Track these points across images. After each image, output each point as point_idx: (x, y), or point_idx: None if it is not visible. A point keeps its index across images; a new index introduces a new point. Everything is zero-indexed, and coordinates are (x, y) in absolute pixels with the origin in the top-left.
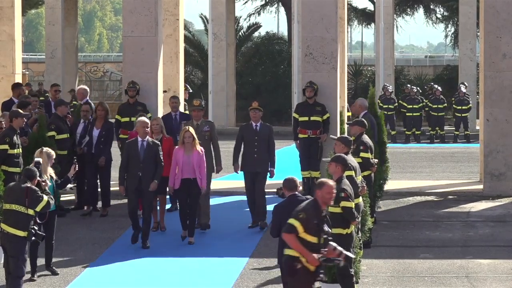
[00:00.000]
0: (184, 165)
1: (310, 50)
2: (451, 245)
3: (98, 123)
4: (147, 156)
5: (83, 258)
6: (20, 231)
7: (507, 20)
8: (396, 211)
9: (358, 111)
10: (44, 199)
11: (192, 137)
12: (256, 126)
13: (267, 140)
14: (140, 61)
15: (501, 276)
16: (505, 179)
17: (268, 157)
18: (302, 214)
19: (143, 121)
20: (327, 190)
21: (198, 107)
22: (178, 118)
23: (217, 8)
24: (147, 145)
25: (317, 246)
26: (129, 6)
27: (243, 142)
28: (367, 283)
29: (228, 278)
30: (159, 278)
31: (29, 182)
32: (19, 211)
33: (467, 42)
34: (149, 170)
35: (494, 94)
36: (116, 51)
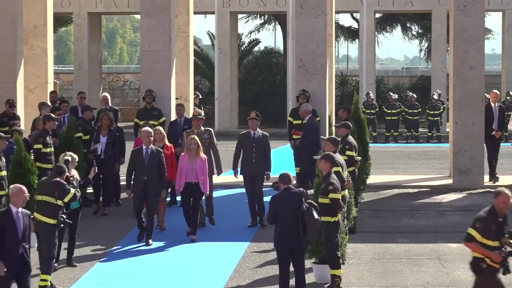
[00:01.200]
0: (188, 170)
1: (302, 62)
2: (424, 231)
3: (103, 132)
4: (151, 162)
5: (93, 254)
6: (50, 219)
7: (473, 37)
8: (377, 202)
9: (304, 115)
10: (71, 192)
11: (197, 145)
12: (254, 134)
13: (264, 146)
14: (155, 72)
15: (468, 258)
16: (471, 174)
17: (265, 161)
18: (479, 223)
19: (147, 131)
20: (503, 199)
21: (198, 116)
22: (182, 123)
23: (222, 26)
24: (151, 152)
25: (500, 248)
26: (146, 25)
27: (242, 148)
28: (352, 264)
29: (231, 260)
30: (166, 263)
31: (58, 177)
32: (49, 202)
33: (439, 55)
34: (153, 175)
35: (462, 101)
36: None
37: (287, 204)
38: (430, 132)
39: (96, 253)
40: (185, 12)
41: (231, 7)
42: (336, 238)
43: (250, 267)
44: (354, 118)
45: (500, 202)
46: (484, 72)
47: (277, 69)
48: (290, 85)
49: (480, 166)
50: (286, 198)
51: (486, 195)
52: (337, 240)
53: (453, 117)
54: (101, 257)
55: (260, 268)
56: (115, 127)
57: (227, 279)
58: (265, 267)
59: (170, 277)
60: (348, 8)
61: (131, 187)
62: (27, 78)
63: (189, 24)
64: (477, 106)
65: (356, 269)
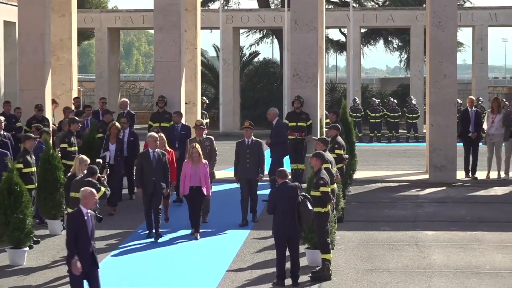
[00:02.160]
0: (191, 175)
1: (297, 71)
2: (404, 220)
3: (112, 140)
4: (158, 164)
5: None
6: None
7: (447, 49)
8: (362, 195)
9: (273, 117)
10: (102, 190)
11: (198, 153)
12: (248, 141)
13: (257, 152)
14: (167, 80)
15: (442, 244)
16: (445, 170)
17: (258, 166)
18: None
19: (154, 136)
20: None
21: (200, 126)
22: (179, 129)
23: (226, 39)
24: (157, 155)
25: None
26: (159, 39)
27: (239, 155)
28: (340, 249)
29: (234, 246)
30: (173, 252)
31: (90, 177)
32: None
33: (417, 65)
34: (160, 175)
35: (437, 105)
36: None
37: (285, 197)
38: (409, 133)
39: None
40: (193, 27)
41: (234, 23)
42: (326, 226)
43: (250, 252)
44: (342, 120)
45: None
46: (456, 80)
47: (274, 78)
48: (285, 91)
49: (453, 163)
50: (284, 192)
51: (459, 188)
52: (327, 228)
53: (429, 119)
54: (110, 251)
55: (259, 253)
56: (130, 132)
57: (230, 263)
58: (264, 252)
59: (177, 263)
60: (337, 24)
61: (140, 186)
62: (54, 86)
63: (196, 38)
64: (450, 110)
65: (344, 253)
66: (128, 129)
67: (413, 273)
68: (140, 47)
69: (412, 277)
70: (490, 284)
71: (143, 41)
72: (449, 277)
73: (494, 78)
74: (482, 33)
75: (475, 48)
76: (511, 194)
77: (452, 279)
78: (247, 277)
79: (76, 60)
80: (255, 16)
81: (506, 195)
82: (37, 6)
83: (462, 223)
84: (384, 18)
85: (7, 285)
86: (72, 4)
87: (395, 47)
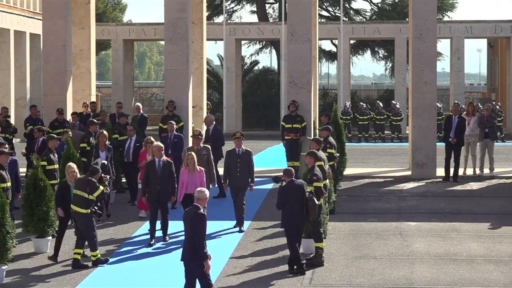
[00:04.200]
0: (188, 183)
1: (292, 79)
2: (389, 212)
3: (101, 147)
4: (163, 172)
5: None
6: (84, 210)
7: (427, 59)
8: (352, 189)
9: (209, 123)
10: (100, 189)
11: (194, 161)
12: (238, 151)
13: (247, 162)
14: (176, 86)
15: (423, 233)
16: (426, 167)
17: (248, 175)
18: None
19: (159, 146)
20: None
21: (198, 136)
22: (172, 137)
23: (229, 50)
24: (162, 164)
25: None
26: (169, 49)
27: (229, 163)
28: (332, 238)
29: (236, 235)
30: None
31: (91, 176)
32: (83, 196)
33: (400, 73)
34: (165, 183)
35: (418, 109)
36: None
37: (294, 193)
38: (394, 134)
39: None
40: (200, 39)
41: (236, 35)
42: (319, 218)
43: (251, 241)
44: (334, 122)
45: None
46: (436, 86)
47: (272, 84)
48: (282, 96)
49: (433, 161)
50: (292, 189)
51: (439, 184)
52: (320, 219)
53: (411, 122)
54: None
55: (259, 241)
56: (136, 138)
57: (232, 250)
58: (263, 240)
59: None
60: (329, 35)
61: (146, 194)
62: (74, 91)
63: (202, 49)
64: (430, 113)
65: (335, 242)
66: (135, 136)
67: (397, 260)
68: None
69: (396, 264)
70: (466, 270)
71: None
72: (429, 264)
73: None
74: (459, 44)
75: (453, 58)
76: (485, 188)
77: (433, 265)
78: (248, 264)
79: (94, 68)
80: (255, 29)
81: (480, 190)
82: (60, 20)
83: (442, 215)
84: (371, 30)
85: (35, 269)
86: (91, 18)
87: (381, 57)
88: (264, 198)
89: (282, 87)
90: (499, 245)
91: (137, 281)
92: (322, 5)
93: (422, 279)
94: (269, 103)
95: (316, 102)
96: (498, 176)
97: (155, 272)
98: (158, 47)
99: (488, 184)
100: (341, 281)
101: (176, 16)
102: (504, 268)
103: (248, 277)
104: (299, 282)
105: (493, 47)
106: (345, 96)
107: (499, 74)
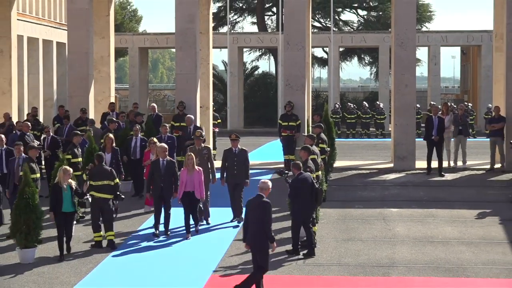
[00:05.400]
0: (187, 181)
1: (288, 82)
2: (374, 200)
3: (108, 150)
4: (166, 171)
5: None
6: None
7: (408, 64)
8: (341, 180)
9: (190, 124)
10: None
11: (193, 162)
12: (235, 150)
13: (243, 160)
14: (186, 89)
15: (404, 218)
16: (406, 160)
17: (244, 172)
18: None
19: (163, 147)
20: None
21: (199, 137)
22: (166, 138)
23: (232, 56)
24: (166, 163)
25: None
26: (179, 56)
27: (226, 161)
28: (323, 223)
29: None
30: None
31: (100, 162)
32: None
33: (384, 77)
34: (168, 181)
35: (400, 109)
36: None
37: (304, 184)
38: (378, 131)
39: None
40: (206, 47)
41: (239, 43)
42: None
43: None
44: (325, 121)
45: None
46: (415, 89)
47: (271, 87)
48: (279, 98)
49: (413, 154)
50: (302, 180)
51: (418, 175)
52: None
53: (393, 120)
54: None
55: None
56: (141, 138)
57: (235, 234)
58: None
59: (188, 241)
60: (320, 44)
61: (150, 191)
62: (96, 93)
63: (209, 56)
64: (410, 112)
65: (326, 226)
66: (140, 136)
67: (381, 242)
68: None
69: (380, 245)
70: (442, 251)
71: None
72: (409, 245)
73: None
74: (436, 52)
75: (430, 64)
76: (459, 179)
77: (412, 246)
78: None
79: (113, 73)
80: (255, 38)
81: (455, 180)
82: (83, 30)
83: (420, 202)
84: (358, 39)
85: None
86: (111, 29)
87: (367, 63)
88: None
89: (279, 89)
90: (470, 229)
91: (143, 272)
92: (315, 17)
93: (402, 259)
94: (267, 103)
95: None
96: (470, 168)
97: (158, 263)
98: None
99: (461, 175)
100: (331, 261)
101: (186, 26)
102: (474, 249)
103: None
104: (294, 262)
105: (466, 54)
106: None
107: (471, 78)
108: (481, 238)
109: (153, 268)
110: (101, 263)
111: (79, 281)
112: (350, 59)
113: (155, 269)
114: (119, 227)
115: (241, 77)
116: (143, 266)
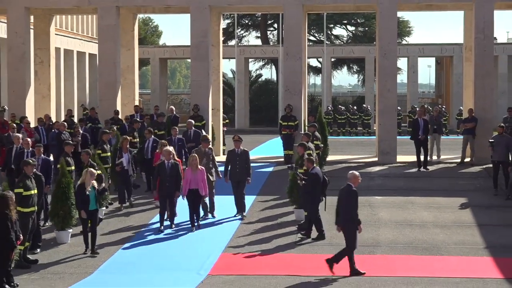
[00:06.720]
0: (191, 180)
1: (288, 87)
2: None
3: (124, 150)
4: (171, 172)
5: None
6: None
7: (390, 72)
8: (333, 172)
9: (190, 127)
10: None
11: (196, 162)
12: (237, 150)
13: (245, 159)
14: (199, 93)
15: (388, 205)
16: (389, 155)
17: (246, 170)
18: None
19: (168, 150)
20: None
21: (205, 140)
22: (176, 140)
23: (239, 66)
24: (171, 165)
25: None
26: (194, 65)
27: (230, 161)
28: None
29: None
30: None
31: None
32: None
33: (370, 83)
34: (173, 181)
35: (383, 111)
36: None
37: (320, 178)
38: (364, 130)
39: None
40: (217, 58)
41: (245, 54)
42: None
43: (256, 210)
44: (319, 121)
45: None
46: (396, 93)
47: (272, 92)
48: (280, 101)
49: (394, 150)
50: (318, 175)
51: (399, 167)
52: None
53: (378, 120)
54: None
55: (263, 211)
56: (153, 139)
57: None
58: (265, 210)
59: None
60: (315, 55)
61: (155, 189)
62: (122, 97)
63: (219, 65)
64: (392, 114)
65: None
66: (152, 137)
67: (367, 225)
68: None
69: (366, 228)
70: (419, 233)
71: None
72: (391, 228)
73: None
74: (414, 61)
75: (409, 72)
76: (434, 171)
77: (394, 229)
78: (254, 228)
79: (137, 80)
80: (259, 50)
81: (430, 172)
82: (111, 43)
83: (401, 191)
84: (347, 51)
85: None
86: (135, 42)
87: (355, 71)
88: (266, 178)
89: (280, 94)
90: (444, 214)
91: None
92: (310, 31)
93: (385, 239)
94: (269, 106)
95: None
96: (443, 161)
97: (167, 253)
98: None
99: (436, 167)
100: (324, 241)
101: (199, 40)
102: (447, 231)
103: (254, 238)
104: (292, 242)
105: (440, 64)
106: (327, 101)
107: (444, 84)
108: (453, 222)
109: (166, 254)
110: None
111: (108, 258)
112: (340, 68)
113: (168, 255)
114: (131, 221)
115: (247, 83)
116: (157, 252)
